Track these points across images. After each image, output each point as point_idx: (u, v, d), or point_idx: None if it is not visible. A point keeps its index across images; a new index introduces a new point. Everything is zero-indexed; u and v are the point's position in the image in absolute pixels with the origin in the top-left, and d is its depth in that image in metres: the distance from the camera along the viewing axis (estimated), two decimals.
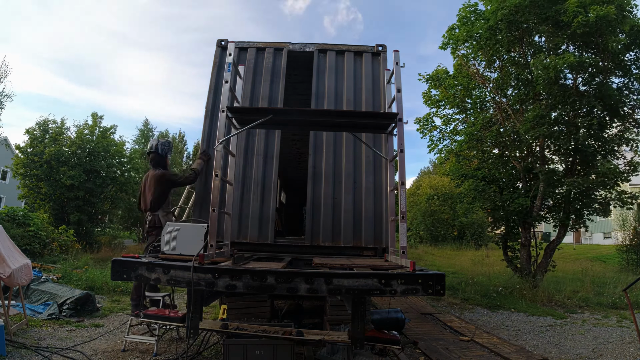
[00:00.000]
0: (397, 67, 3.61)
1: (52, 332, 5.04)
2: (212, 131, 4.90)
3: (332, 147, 4.99)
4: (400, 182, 3.30)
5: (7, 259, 4.61)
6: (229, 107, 3.45)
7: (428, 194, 28.89)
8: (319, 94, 5.19)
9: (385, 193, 4.70)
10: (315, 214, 4.75)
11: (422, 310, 7.47)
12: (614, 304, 8.42)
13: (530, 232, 10.36)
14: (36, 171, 15.43)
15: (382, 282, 2.82)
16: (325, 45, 5.49)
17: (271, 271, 2.88)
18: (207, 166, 4.88)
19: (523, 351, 5.03)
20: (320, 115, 3.94)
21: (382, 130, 3.90)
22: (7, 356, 4.02)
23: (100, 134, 17.26)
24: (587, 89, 9.54)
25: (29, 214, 12.57)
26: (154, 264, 2.97)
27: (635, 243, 15.07)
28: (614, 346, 5.46)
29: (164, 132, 27.65)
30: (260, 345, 3.57)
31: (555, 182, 9.60)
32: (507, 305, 8.25)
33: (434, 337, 5.55)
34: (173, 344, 4.77)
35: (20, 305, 5.32)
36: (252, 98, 5.16)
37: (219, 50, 5.35)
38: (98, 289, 7.98)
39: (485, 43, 10.02)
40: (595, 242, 29.06)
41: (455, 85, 11.14)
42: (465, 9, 10.57)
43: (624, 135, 9.73)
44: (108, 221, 20.40)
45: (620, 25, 8.67)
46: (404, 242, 3.24)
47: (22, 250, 6.78)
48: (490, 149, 11.32)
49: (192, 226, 3.50)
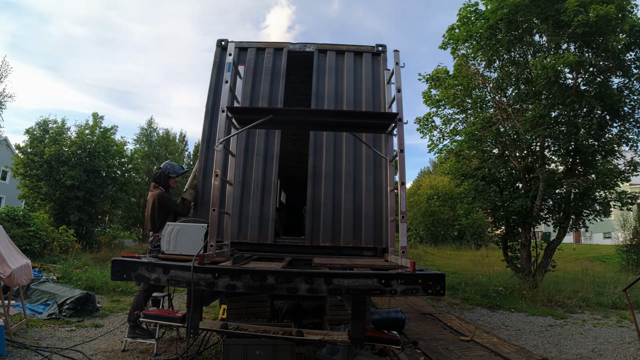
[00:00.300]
0: (397, 67, 3.61)
1: (52, 332, 5.04)
2: (212, 131, 4.90)
3: (332, 147, 4.99)
4: (401, 182, 3.30)
5: (7, 259, 4.61)
6: (229, 107, 3.45)
7: (428, 194, 28.90)
8: (319, 94, 5.19)
9: (385, 193, 4.70)
10: (315, 214, 4.75)
11: (422, 310, 7.47)
12: (614, 304, 8.41)
13: (530, 232, 10.36)
14: (36, 171, 15.44)
15: (382, 282, 2.82)
16: (325, 45, 5.49)
17: (271, 271, 2.88)
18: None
19: (523, 351, 5.03)
20: (320, 115, 3.94)
21: (382, 130, 3.90)
22: (7, 356, 4.03)
23: (100, 134, 17.27)
24: (587, 89, 9.54)
25: (29, 214, 12.58)
26: (154, 264, 2.97)
27: (635, 243, 15.07)
28: (614, 346, 5.46)
29: (166, 130, 27.59)
30: (260, 345, 3.57)
31: (555, 182, 9.60)
32: (507, 305, 8.25)
33: (434, 337, 5.55)
34: (173, 344, 4.77)
35: (20, 305, 5.32)
36: (252, 98, 5.16)
37: (219, 50, 5.35)
38: (98, 289, 7.98)
39: (485, 43, 10.02)
40: (595, 242, 29.08)
41: (455, 85, 11.14)
42: (466, 8, 10.57)
43: (624, 135, 9.72)
44: (108, 221, 20.40)
45: (620, 24, 8.66)
46: (404, 242, 3.24)
47: (22, 250, 6.79)
48: (490, 149, 11.32)
49: (192, 226, 3.50)
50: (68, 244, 12.89)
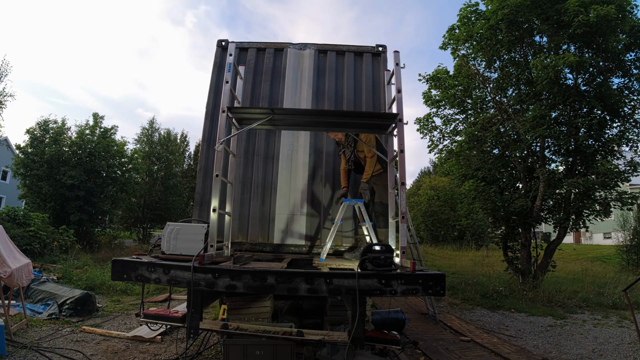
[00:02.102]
0: (397, 68, 3.60)
1: (52, 332, 5.04)
2: (213, 131, 4.91)
3: (332, 147, 4.99)
4: (401, 182, 3.30)
5: (7, 259, 4.61)
6: (230, 107, 3.46)
7: (429, 195, 28.86)
8: (319, 94, 5.19)
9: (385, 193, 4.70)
10: (315, 214, 4.74)
11: (422, 310, 7.47)
12: (614, 304, 8.41)
13: (531, 232, 10.36)
14: (36, 171, 15.43)
15: (383, 282, 2.82)
16: (326, 45, 5.50)
17: (271, 271, 2.88)
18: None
19: (523, 351, 5.03)
20: (320, 115, 3.94)
21: (382, 131, 3.90)
22: (7, 356, 4.03)
23: (100, 134, 17.27)
24: (587, 89, 9.54)
25: (29, 214, 12.58)
26: (154, 264, 2.97)
27: (635, 243, 15.06)
28: (614, 346, 5.46)
29: (167, 130, 27.51)
30: (260, 345, 3.57)
31: (556, 182, 9.59)
32: (507, 305, 8.25)
33: (434, 337, 5.55)
34: (173, 344, 4.77)
35: (21, 305, 5.32)
36: (253, 98, 5.16)
37: (219, 51, 5.36)
38: (98, 289, 7.98)
39: (486, 43, 10.02)
40: (596, 242, 29.05)
41: (455, 85, 11.14)
42: (466, 9, 10.57)
43: (624, 135, 9.72)
44: (108, 221, 20.38)
45: (620, 25, 8.67)
46: (404, 242, 3.24)
47: (22, 250, 6.80)
48: (490, 149, 11.32)
49: (192, 226, 3.50)
50: (68, 244, 12.89)
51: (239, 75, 4.19)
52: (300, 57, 5.42)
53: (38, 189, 15.44)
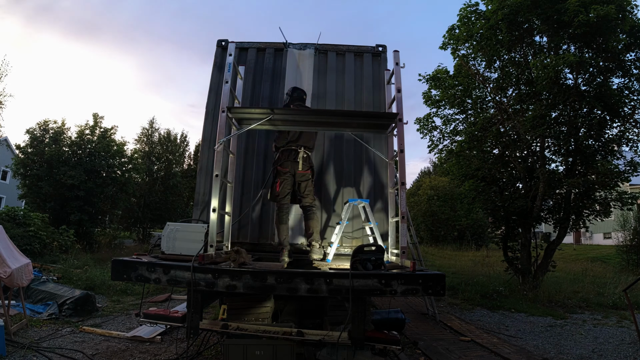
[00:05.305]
0: (397, 68, 3.61)
1: (52, 332, 5.04)
2: (213, 131, 4.90)
3: (332, 147, 4.99)
4: (401, 182, 3.30)
5: (7, 260, 4.61)
6: (229, 107, 3.46)
7: (429, 195, 28.85)
8: (319, 94, 5.19)
9: (385, 193, 4.70)
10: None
11: (422, 310, 7.46)
12: (614, 304, 8.41)
13: (531, 232, 10.35)
14: (36, 171, 15.42)
15: (382, 282, 2.82)
16: (326, 45, 5.49)
17: (271, 271, 2.88)
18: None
19: (523, 351, 5.03)
20: (320, 115, 3.94)
21: (382, 131, 3.90)
22: (7, 356, 4.03)
23: (100, 134, 17.27)
24: (587, 89, 9.53)
25: (29, 214, 12.56)
26: (154, 264, 2.97)
27: (635, 243, 15.05)
28: (614, 346, 5.46)
29: (167, 130, 27.50)
30: (260, 346, 3.57)
31: (556, 182, 9.59)
32: (507, 305, 8.25)
33: (434, 337, 5.55)
34: (173, 344, 4.77)
35: (21, 305, 5.32)
36: (253, 98, 5.16)
37: (219, 51, 5.34)
38: (98, 289, 7.98)
39: (486, 43, 10.01)
40: (596, 242, 29.03)
41: (455, 85, 11.13)
42: (466, 8, 10.56)
43: (624, 135, 9.72)
44: (108, 221, 20.36)
45: (620, 25, 8.66)
46: (404, 242, 3.23)
47: (22, 250, 6.79)
48: (490, 149, 11.31)
49: (192, 226, 3.50)
50: (68, 244, 12.88)
51: (238, 75, 4.19)
52: (300, 57, 5.41)
53: (38, 189, 15.43)
